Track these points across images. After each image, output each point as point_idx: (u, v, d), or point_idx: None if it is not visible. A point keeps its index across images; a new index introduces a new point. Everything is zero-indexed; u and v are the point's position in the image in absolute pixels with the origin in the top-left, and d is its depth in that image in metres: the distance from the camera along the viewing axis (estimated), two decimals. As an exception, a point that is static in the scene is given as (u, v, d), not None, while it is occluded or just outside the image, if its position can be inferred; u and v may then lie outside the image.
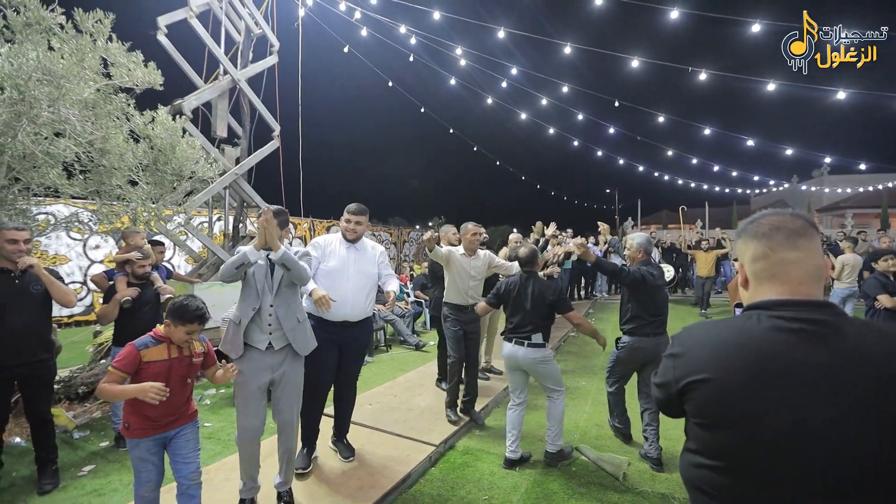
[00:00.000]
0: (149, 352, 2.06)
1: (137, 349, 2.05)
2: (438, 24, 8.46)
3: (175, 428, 2.16)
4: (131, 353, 2.04)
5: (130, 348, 2.05)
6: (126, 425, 2.06)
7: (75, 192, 3.79)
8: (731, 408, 0.84)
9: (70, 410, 3.84)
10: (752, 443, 0.82)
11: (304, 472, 2.88)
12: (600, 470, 3.04)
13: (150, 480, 2.11)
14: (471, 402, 3.85)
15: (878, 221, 21.97)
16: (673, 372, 0.96)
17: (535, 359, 3.04)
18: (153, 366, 2.05)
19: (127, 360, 2.02)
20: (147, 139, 4.21)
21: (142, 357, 2.04)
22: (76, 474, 2.99)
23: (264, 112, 6.38)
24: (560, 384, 3.15)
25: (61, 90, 3.13)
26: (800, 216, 0.95)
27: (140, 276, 3.60)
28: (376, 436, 3.46)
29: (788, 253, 0.91)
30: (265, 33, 6.53)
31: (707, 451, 0.89)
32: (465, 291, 3.85)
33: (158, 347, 2.10)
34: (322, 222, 14.78)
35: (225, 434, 3.66)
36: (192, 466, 2.19)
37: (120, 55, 3.79)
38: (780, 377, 0.81)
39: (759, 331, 0.87)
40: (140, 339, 2.10)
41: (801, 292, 0.90)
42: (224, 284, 5.42)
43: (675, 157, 16.00)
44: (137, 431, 2.06)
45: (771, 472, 0.81)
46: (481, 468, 3.08)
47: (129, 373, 2.02)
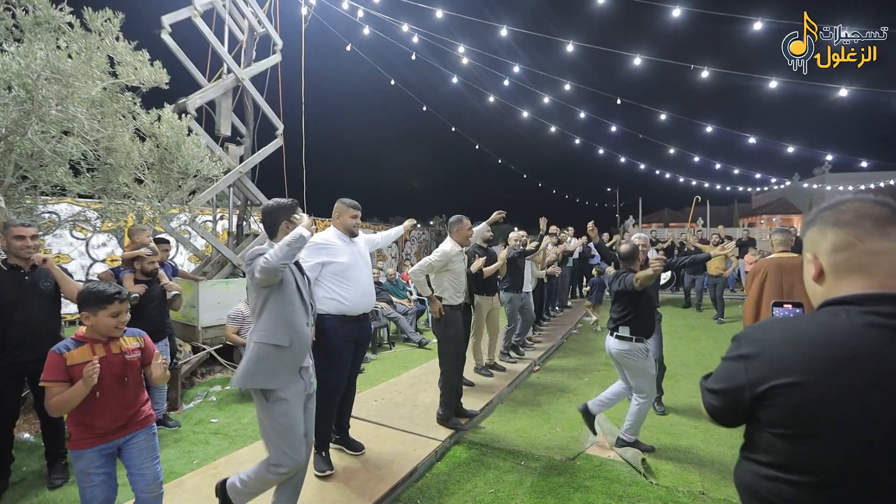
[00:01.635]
0: (70, 355, 1.85)
1: (59, 353, 1.84)
2: (441, 22, 8.48)
3: (123, 436, 1.96)
4: (53, 359, 1.83)
5: (52, 355, 1.84)
6: (67, 435, 1.87)
7: (82, 191, 3.82)
8: (824, 416, 0.75)
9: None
10: (848, 456, 0.73)
11: (328, 473, 2.79)
12: (609, 461, 3.06)
13: (94, 498, 1.87)
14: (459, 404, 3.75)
15: (880, 219, 21.90)
16: (745, 375, 0.85)
17: (620, 350, 3.15)
18: (77, 369, 1.82)
19: (54, 368, 1.82)
20: (153, 138, 4.23)
21: (66, 361, 1.83)
22: (86, 469, 3.02)
23: (268, 110, 6.40)
24: (645, 389, 3.15)
25: (69, 89, 3.16)
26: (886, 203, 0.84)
27: (149, 273, 3.63)
28: (382, 431, 3.49)
29: (878, 242, 0.81)
30: (268, 32, 6.55)
31: (790, 465, 0.79)
32: (462, 289, 3.73)
33: (80, 349, 1.87)
34: (324, 220, 14.81)
35: (231, 430, 3.69)
36: (147, 478, 2.01)
37: (127, 54, 3.81)
38: (881, 380, 0.72)
39: (851, 328, 0.77)
40: (59, 344, 1.89)
41: (892, 286, 0.80)
42: (228, 282, 5.49)
43: (676, 154, 16.00)
44: (79, 442, 1.85)
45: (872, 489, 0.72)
46: (487, 462, 3.10)
47: (65, 380, 1.81)
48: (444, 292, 3.66)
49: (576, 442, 3.41)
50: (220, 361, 5.22)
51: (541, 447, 3.32)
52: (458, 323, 3.64)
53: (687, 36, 19.75)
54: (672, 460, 3.12)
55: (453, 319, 3.60)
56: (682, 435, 3.53)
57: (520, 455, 3.20)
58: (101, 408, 1.87)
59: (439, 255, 3.67)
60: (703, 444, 3.36)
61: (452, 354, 3.58)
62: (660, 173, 20.61)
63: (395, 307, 7.11)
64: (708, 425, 3.69)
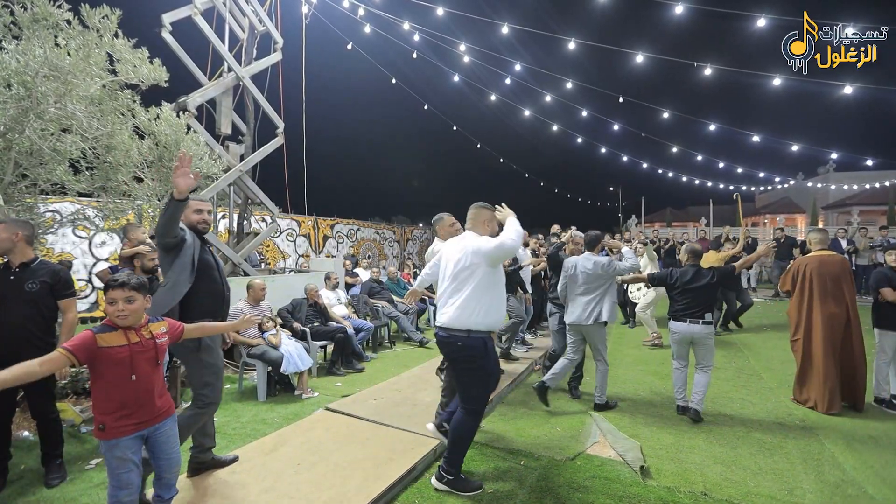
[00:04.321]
0: (104, 337, 1.88)
1: (94, 333, 1.87)
2: (442, 20, 8.45)
3: (156, 424, 2.02)
4: (87, 336, 1.85)
5: (86, 333, 1.86)
6: (100, 426, 1.87)
7: (82, 189, 3.82)
8: None
9: (77, 405, 3.87)
10: None
11: None
12: (609, 461, 3.04)
13: (130, 483, 1.91)
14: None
15: (885, 218, 21.79)
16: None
17: (707, 333, 3.76)
18: (112, 352, 1.87)
19: (80, 343, 1.82)
20: (152, 136, 4.23)
21: (97, 342, 1.85)
22: (83, 467, 3.02)
23: (268, 109, 6.40)
24: (711, 362, 3.83)
25: (68, 86, 3.15)
26: None
27: (149, 270, 3.63)
28: (382, 430, 3.47)
29: None
30: (269, 30, 6.54)
31: None
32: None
33: (115, 333, 1.91)
34: (325, 220, 14.81)
35: (230, 428, 3.68)
36: (174, 462, 2.13)
37: (126, 51, 3.81)
38: None
39: None
40: (96, 326, 1.92)
41: None
42: (229, 281, 5.47)
43: (679, 153, 15.94)
44: (114, 431, 1.88)
45: None
46: (487, 462, 3.08)
47: (80, 358, 1.81)
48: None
49: (576, 442, 3.38)
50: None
51: (541, 447, 3.29)
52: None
53: (690, 33, 19.64)
54: (673, 460, 3.09)
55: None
56: (684, 434, 3.50)
57: (520, 454, 3.18)
58: (137, 391, 1.93)
59: (430, 255, 3.58)
60: (704, 444, 3.32)
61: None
62: (662, 172, 20.53)
63: (396, 306, 7.09)
64: (710, 425, 3.66)
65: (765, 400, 4.27)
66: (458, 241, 2.86)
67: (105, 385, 1.88)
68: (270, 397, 4.44)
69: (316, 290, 5.70)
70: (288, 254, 13.34)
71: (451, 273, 2.73)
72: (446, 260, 2.84)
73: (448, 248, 2.91)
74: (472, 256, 2.66)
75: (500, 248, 2.63)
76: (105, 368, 1.87)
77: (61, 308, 2.91)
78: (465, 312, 2.62)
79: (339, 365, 5.33)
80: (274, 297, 5.60)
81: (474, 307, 2.63)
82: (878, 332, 4.05)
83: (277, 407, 4.18)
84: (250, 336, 4.55)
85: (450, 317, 2.65)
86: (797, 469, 2.98)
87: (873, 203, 25.47)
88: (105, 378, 1.87)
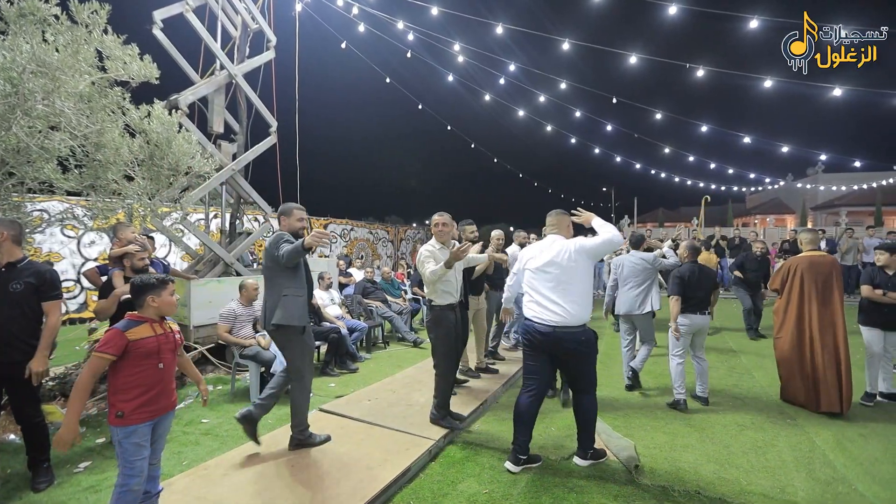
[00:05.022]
0: (133, 332, 2.06)
1: (122, 331, 2.04)
2: (436, 20, 8.43)
3: (166, 413, 2.19)
4: (116, 334, 2.02)
5: (114, 331, 2.03)
6: (119, 413, 2.00)
7: (70, 187, 3.75)
8: None
9: (65, 407, 3.80)
10: None
11: None
12: (604, 460, 3.04)
13: (142, 471, 2.05)
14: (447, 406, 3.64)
15: (872, 219, 22.11)
16: None
17: (709, 323, 4.16)
18: (143, 343, 2.06)
19: (113, 343, 2.00)
20: (143, 134, 4.17)
21: (129, 337, 2.03)
22: (72, 471, 2.97)
23: (261, 108, 6.34)
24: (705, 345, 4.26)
25: (56, 82, 3.09)
26: None
27: (139, 270, 3.57)
28: (376, 431, 3.45)
29: None
30: (262, 28, 6.48)
31: None
32: (453, 288, 3.59)
33: (142, 327, 2.10)
34: (319, 220, 14.74)
35: (223, 430, 3.64)
36: (158, 453, 2.24)
37: (115, 48, 3.74)
38: None
39: None
40: (119, 324, 2.09)
41: None
42: (221, 281, 5.43)
43: (671, 154, 16.05)
44: (134, 418, 2.02)
45: None
46: (481, 462, 3.07)
47: (117, 355, 2.00)
48: (434, 293, 3.55)
49: (571, 441, 3.37)
50: (213, 361, 5.17)
51: (535, 447, 3.28)
52: (450, 322, 3.53)
53: (685, 35, 19.80)
54: (667, 459, 3.10)
55: (444, 319, 3.51)
56: (677, 433, 3.51)
57: (514, 455, 3.17)
58: (162, 380, 2.12)
59: (426, 254, 3.56)
60: (697, 443, 3.34)
61: (444, 355, 3.52)
62: (655, 173, 20.67)
63: (390, 306, 7.07)
64: (703, 423, 3.69)
65: (756, 398, 4.31)
66: (549, 244, 2.99)
67: (131, 374, 2.03)
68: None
69: (309, 290, 5.66)
70: (281, 253, 13.25)
71: (553, 275, 2.87)
72: (536, 263, 2.97)
73: (536, 252, 3.03)
74: (575, 255, 2.85)
75: (607, 242, 2.86)
76: (135, 359, 2.04)
77: (45, 310, 2.81)
78: (578, 308, 2.82)
79: (332, 365, 5.30)
80: (267, 297, 5.54)
81: (583, 301, 2.85)
82: (862, 329, 4.14)
83: (270, 408, 4.14)
84: (243, 337, 4.50)
85: (563, 315, 2.81)
86: (789, 467, 3.00)
87: (861, 204, 25.86)
88: (133, 367, 2.03)
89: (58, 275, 2.85)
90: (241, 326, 4.53)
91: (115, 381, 2.03)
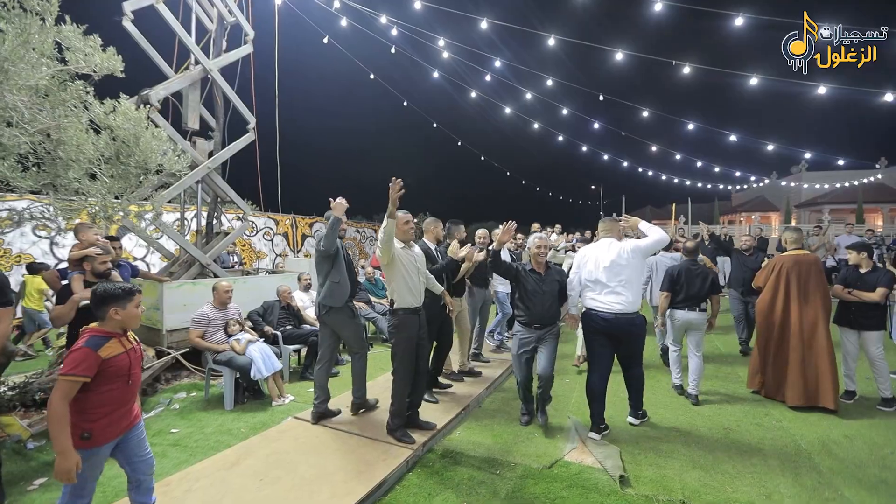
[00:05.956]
0: (105, 349, 1.90)
1: (93, 349, 1.86)
2: (421, 14, 8.28)
3: (131, 428, 2.08)
4: (89, 355, 1.85)
5: (86, 352, 1.85)
6: (85, 435, 1.86)
7: (28, 186, 3.55)
8: None
9: (25, 418, 3.61)
10: None
11: None
12: (587, 468, 2.94)
13: (92, 492, 1.97)
14: (414, 413, 3.50)
15: (854, 217, 22.46)
16: None
17: (703, 319, 4.17)
18: (116, 361, 1.93)
19: (86, 363, 1.83)
20: (109, 130, 3.97)
21: (101, 356, 1.87)
22: (26, 488, 2.79)
23: (238, 104, 6.14)
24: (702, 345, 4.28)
25: (5, 73, 2.89)
26: None
27: (100, 274, 3.39)
28: (353, 440, 3.31)
29: None
30: (239, 22, 6.27)
31: None
32: (416, 289, 3.38)
33: (113, 343, 1.95)
34: (304, 219, 14.49)
35: (192, 441, 3.47)
36: (149, 462, 2.17)
37: (75, 39, 3.54)
38: None
39: None
40: (87, 341, 1.89)
41: None
42: (196, 283, 5.23)
43: (659, 152, 16.10)
44: (100, 438, 1.91)
45: None
46: (461, 472, 2.96)
47: (90, 376, 1.85)
48: (396, 293, 3.34)
49: (554, 448, 3.28)
50: (187, 366, 4.97)
51: (517, 454, 3.19)
52: (413, 327, 3.33)
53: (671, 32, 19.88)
54: (652, 466, 3.01)
55: (407, 323, 3.31)
56: (662, 438, 3.44)
57: (495, 463, 3.06)
58: (131, 395, 2.03)
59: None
60: (683, 448, 3.27)
61: (402, 359, 3.32)
62: (642, 171, 20.76)
63: (374, 307, 6.92)
64: (689, 427, 3.62)
65: (742, 400, 4.26)
66: (607, 246, 3.47)
67: (100, 393, 1.90)
68: (239, 405, 4.24)
69: (288, 292, 5.49)
70: (265, 253, 13.00)
71: (612, 271, 3.35)
72: (596, 261, 3.44)
73: (594, 251, 3.52)
74: (632, 253, 3.35)
75: (657, 241, 3.38)
76: (106, 378, 1.90)
77: None
78: (634, 297, 3.33)
79: (312, 369, 5.14)
80: (246, 298, 5.37)
81: (638, 292, 3.40)
82: (838, 328, 4.19)
83: (245, 416, 3.99)
84: (216, 342, 4.33)
85: (624, 304, 3.30)
86: (775, 472, 2.94)
87: (843, 202, 26.28)
88: (103, 386, 1.90)
89: (7, 280, 2.65)
90: (214, 331, 4.36)
91: (82, 402, 1.86)
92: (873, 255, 4.22)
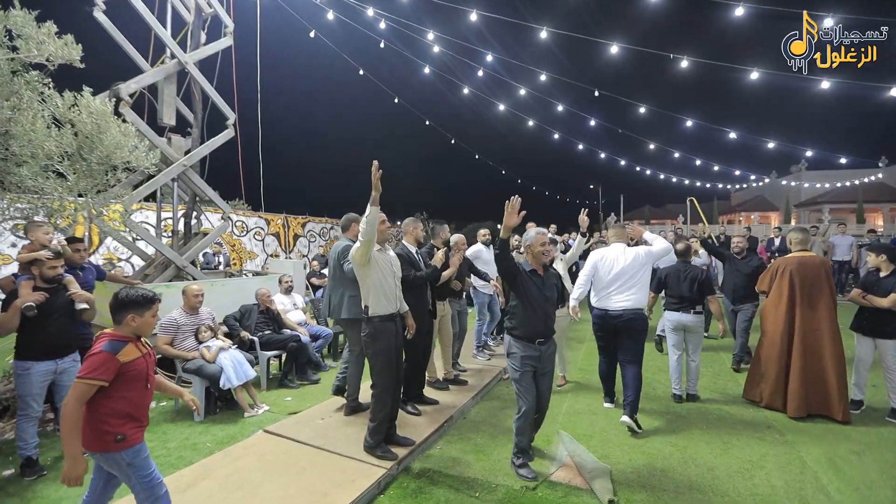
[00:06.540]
0: (124, 353, 1.91)
1: (112, 353, 1.86)
2: (411, 8, 8.03)
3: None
4: (108, 359, 1.85)
5: (105, 356, 1.85)
6: (119, 437, 1.88)
7: (-24, 183, 3.31)
8: None
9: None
10: None
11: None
12: (574, 490, 2.70)
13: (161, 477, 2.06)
14: (392, 428, 3.23)
15: (854, 216, 22.26)
16: None
17: (697, 322, 4.18)
18: (134, 365, 1.94)
19: (105, 367, 1.83)
20: (70, 124, 3.73)
21: (120, 360, 1.88)
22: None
23: (217, 99, 5.89)
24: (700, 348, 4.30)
25: (-62, 61, 2.65)
26: None
27: (50, 280, 3.14)
28: (321, 456, 3.07)
29: None
30: (217, 13, 6.03)
31: None
32: (392, 294, 3.14)
33: (130, 347, 1.95)
34: (297, 218, 14.24)
35: (154, 455, 3.19)
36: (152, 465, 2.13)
37: (27, 26, 3.30)
38: None
39: None
40: (106, 345, 1.89)
41: None
42: (169, 286, 4.97)
43: (657, 151, 15.88)
44: (136, 437, 1.95)
45: None
46: (437, 494, 2.71)
47: (109, 380, 1.85)
48: (370, 298, 3.07)
49: (539, 466, 3.04)
50: (158, 373, 4.72)
51: (500, 473, 2.94)
52: (390, 336, 3.10)
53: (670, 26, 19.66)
54: (645, 487, 2.77)
55: (384, 332, 3.07)
56: (657, 455, 3.19)
57: (475, 484, 2.82)
58: (148, 399, 2.05)
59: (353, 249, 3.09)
60: (679, 466, 3.03)
61: (381, 371, 3.09)
62: (640, 170, 20.53)
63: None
64: (685, 443, 3.38)
65: (741, 411, 4.02)
66: (621, 251, 3.78)
67: (121, 397, 1.90)
68: (210, 416, 4.00)
69: (268, 295, 5.24)
70: (256, 254, 12.75)
71: (627, 273, 3.67)
72: (611, 263, 3.75)
73: (610, 255, 3.80)
74: (644, 257, 3.71)
75: (665, 248, 3.82)
76: (125, 382, 1.91)
77: None
78: (642, 296, 3.66)
79: (291, 376, 4.90)
80: (226, 302, 5.13)
81: (646, 291, 3.72)
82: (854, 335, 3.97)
83: (214, 428, 3.75)
84: (186, 349, 4.08)
85: (633, 301, 3.62)
86: (779, 494, 2.70)
87: (843, 201, 26.07)
88: (123, 391, 1.91)
89: None
90: (183, 337, 4.12)
91: (103, 407, 1.87)
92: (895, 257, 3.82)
